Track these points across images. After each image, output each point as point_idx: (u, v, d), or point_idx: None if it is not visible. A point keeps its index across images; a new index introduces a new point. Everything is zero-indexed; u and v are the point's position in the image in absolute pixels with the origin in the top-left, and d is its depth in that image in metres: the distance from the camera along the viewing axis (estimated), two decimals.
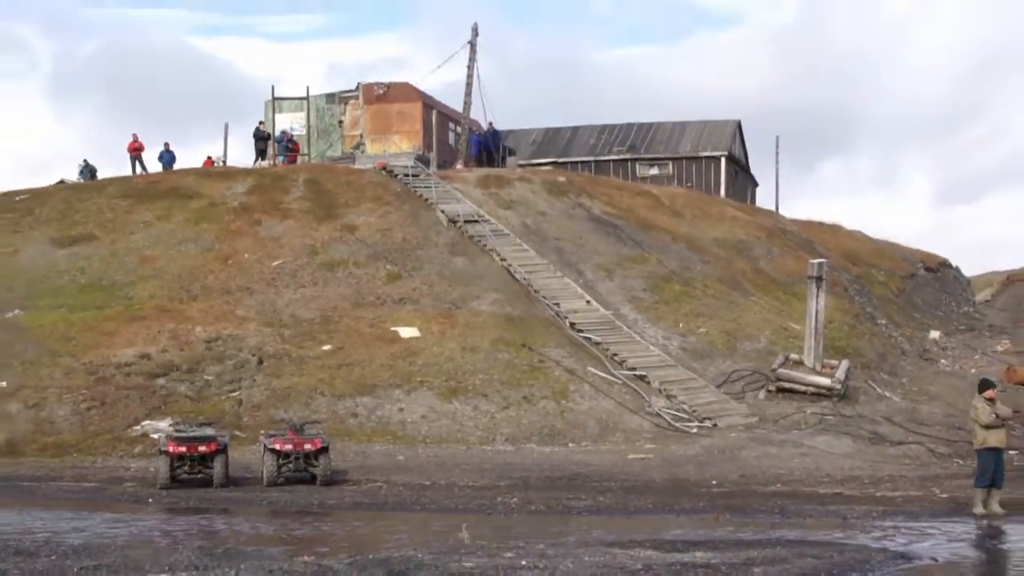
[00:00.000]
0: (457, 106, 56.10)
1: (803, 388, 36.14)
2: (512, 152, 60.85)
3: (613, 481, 28.06)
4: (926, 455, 31.47)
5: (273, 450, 27.83)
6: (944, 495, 25.06)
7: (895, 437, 33.22)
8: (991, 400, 23.11)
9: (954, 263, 65.04)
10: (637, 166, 62.99)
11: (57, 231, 45.00)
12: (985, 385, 23.85)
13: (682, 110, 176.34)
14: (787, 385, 36.28)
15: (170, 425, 33.22)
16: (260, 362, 37.06)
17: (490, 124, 56.55)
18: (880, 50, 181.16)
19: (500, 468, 29.97)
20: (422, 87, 55.96)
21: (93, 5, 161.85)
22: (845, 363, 37.36)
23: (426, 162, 51.84)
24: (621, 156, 63.67)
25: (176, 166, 53.93)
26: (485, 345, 37.25)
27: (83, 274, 42.16)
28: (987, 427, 22.90)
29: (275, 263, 42.08)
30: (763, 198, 70.66)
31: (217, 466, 27.56)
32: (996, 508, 22.76)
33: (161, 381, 36.22)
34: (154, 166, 54.13)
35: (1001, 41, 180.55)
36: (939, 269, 62.30)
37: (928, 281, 59.87)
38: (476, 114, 56.45)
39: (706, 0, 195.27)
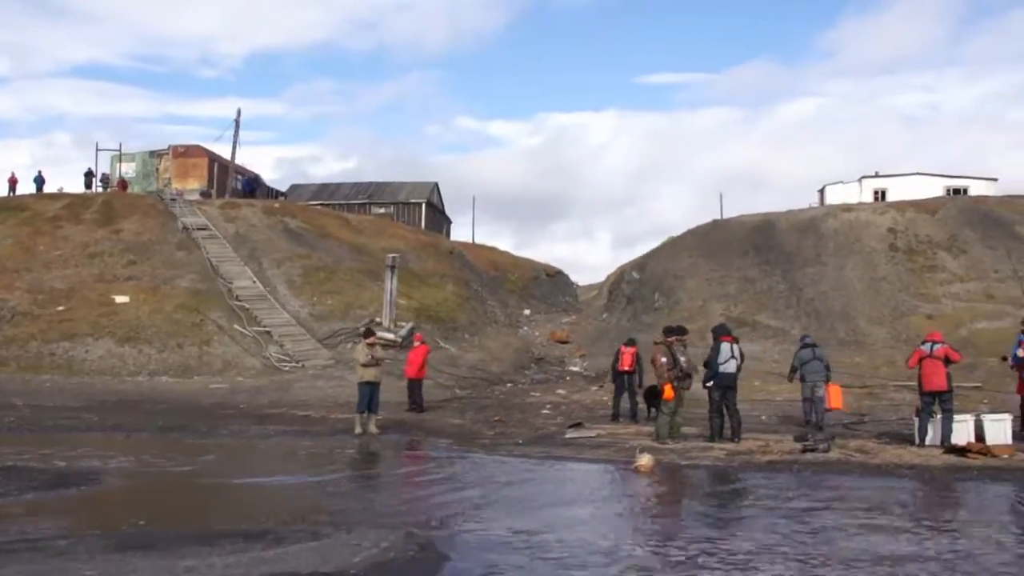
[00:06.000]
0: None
1: (379, 341, 29.75)
2: (284, 195, 53.87)
3: (165, 404, 21.59)
4: (437, 386, 25.23)
5: None
6: (385, 415, 18.83)
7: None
8: (371, 345, 17.35)
9: (566, 272, 59.70)
10: (372, 207, 56.60)
11: None
12: (368, 333, 18.16)
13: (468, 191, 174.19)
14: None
15: None
16: (12, 317, 29.89)
17: (256, 175, 49.43)
18: (586, 161, 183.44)
19: (103, 394, 23.32)
20: (211, 148, 48.96)
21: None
22: (410, 324, 31.37)
23: (209, 195, 44.76)
24: (362, 201, 57.30)
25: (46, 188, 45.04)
26: (168, 308, 30.49)
27: None
28: (364, 365, 17.23)
29: (56, 253, 34.57)
30: (465, 233, 64.72)
31: None
32: (373, 428, 17.21)
33: None
34: (30, 186, 45.16)
35: (650, 161, 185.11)
36: (555, 276, 56.81)
37: (547, 283, 54.29)
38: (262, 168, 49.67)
39: (493, 130, 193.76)
